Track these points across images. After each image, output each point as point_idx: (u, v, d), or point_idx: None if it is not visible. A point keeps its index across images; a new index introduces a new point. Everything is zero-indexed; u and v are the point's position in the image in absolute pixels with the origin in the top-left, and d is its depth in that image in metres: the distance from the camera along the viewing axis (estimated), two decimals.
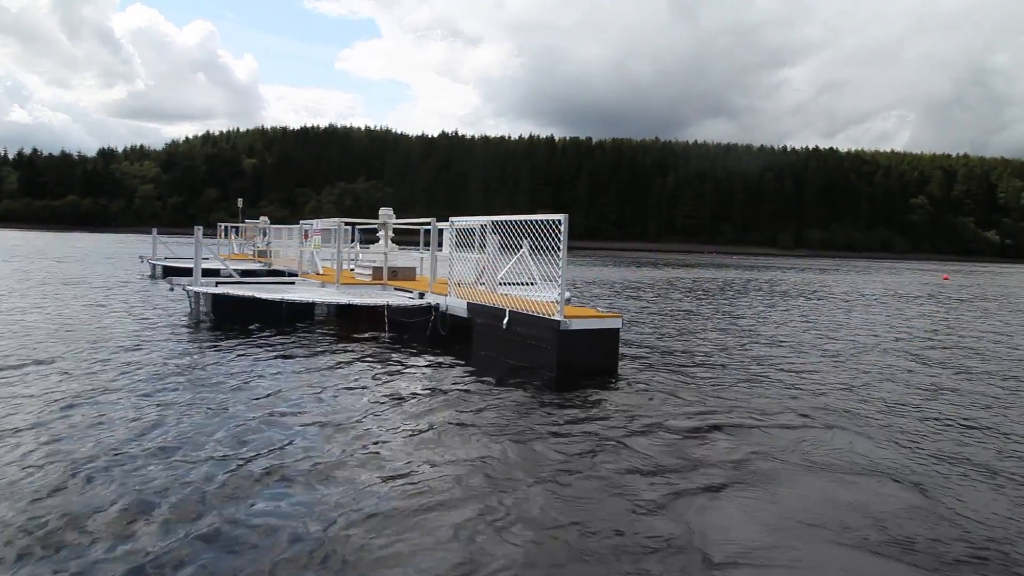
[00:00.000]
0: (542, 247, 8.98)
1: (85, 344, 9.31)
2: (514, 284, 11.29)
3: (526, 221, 9.14)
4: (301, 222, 16.48)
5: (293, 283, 14.30)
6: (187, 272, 20.95)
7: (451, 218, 11.21)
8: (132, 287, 18.50)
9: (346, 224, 15.29)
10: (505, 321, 9.09)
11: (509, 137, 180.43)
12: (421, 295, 11.61)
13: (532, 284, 12.10)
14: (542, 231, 8.74)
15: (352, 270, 15.95)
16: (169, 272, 22.40)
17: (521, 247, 11.81)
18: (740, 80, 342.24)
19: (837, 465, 5.41)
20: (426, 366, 8.75)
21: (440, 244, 12.43)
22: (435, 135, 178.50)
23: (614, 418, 6.51)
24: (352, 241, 17.80)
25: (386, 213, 14.56)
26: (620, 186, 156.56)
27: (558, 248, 8.39)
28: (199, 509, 4.09)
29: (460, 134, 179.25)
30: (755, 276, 41.06)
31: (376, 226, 14.55)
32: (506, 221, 9.86)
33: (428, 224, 12.35)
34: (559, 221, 8.29)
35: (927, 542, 4.09)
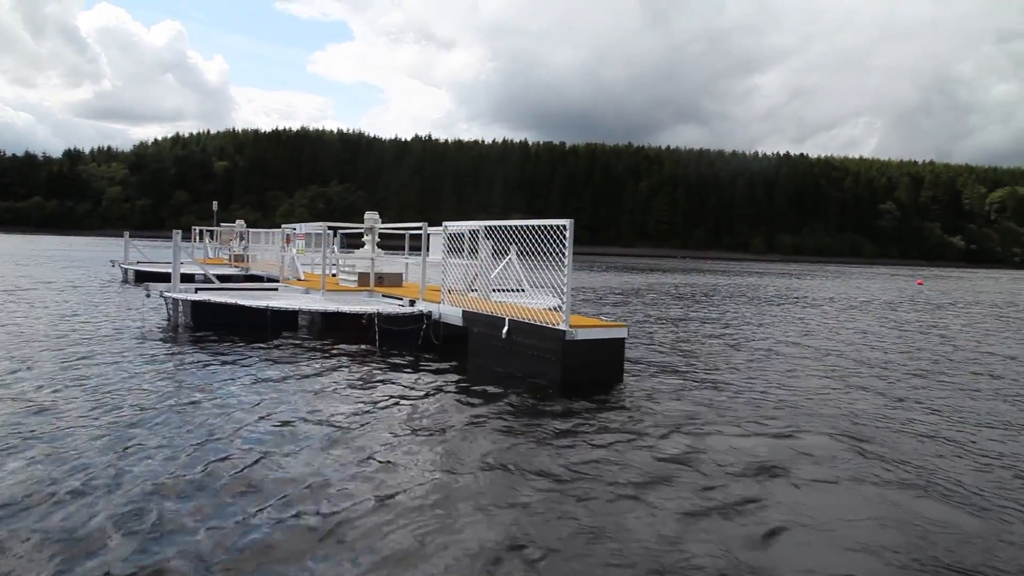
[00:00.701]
0: (538, 252, 8.65)
1: (51, 356, 8.75)
2: (503, 291, 10.96)
3: (527, 226, 8.75)
4: (284, 226, 15.95)
5: (276, 289, 13.78)
6: (162, 277, 20.27)
7: (445, 223, 10.81)
8: (104, 293, 17.80)
9: (329, 228, 14.78)
10: (505, 330, 8.71)
11: (483, 141, 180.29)
12: (412, 302, 11.19)
13: (521, 291, 11.77)
14: (543, 236, 8.41)
15: (334, 275, 15.46)
16: (142, 277, 21.72)
17: (509, 252, 11.49)
18: (711, 86, 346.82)
19: (877, 484, 5.12)
20: (421, 378, 8.32)
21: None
22: (408, 138, 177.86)
23: (632, 436, 6.16)
24: (334, 246, 17.29)
25: (372, 217, 14.09)
26: (594, 191, 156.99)
27: (560, 254, 8.01)
28: (164, 554, 3.61)
29: (434, 138, 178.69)
30: (735, 282, 41.11)
31: (362, 230, 14.07)
32: (505, 226, 9.46)
33: (417, 228, 11.92)
34: (564, 226, 7.92)
35: (991, 570, 3.80)
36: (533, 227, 8.61)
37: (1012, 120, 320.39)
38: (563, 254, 7.94)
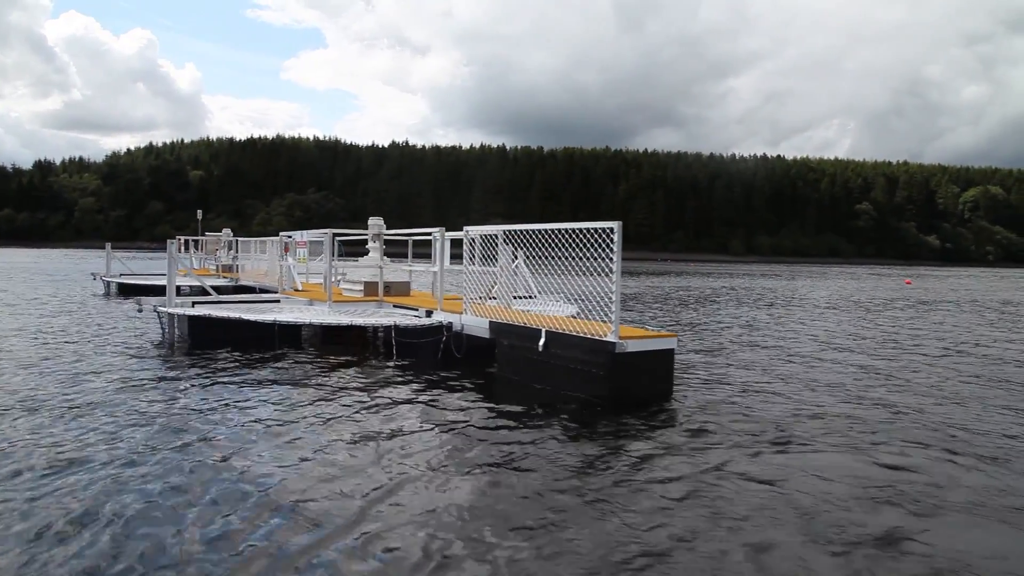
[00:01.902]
0: (552, 257, 8.09)
1: (33, 379, 7.94)
2: (514, 298, 10.32)
3: (568, 230, 8.06)
4: (281, 233, 15.14)
5: (278, 301, 12.95)
6: (148, 290, 19.39)
7: (466, 227, 10.12)
8: (87, 308, 16.82)
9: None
10: (541, 343, 8.01)
11: (460, 147, 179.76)
12: (428, 313, 10.46)
13: (531, 298, 11.12)
14: (562, 241, 7.87)
15: (336, 283, 14.65)
16: (126, 290, 20.81)
17: (517, 258, 10.84)
18: (686, 90, 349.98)
19: (989, 509, 4.49)
20: (448, 396, 7.58)
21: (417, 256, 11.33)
22: (385, 145, 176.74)
23: (701, 457, 5.49)
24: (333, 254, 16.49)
25: (377, 223, 13.31)
26: (573, 195, 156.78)
27: (609, 259, 7.35)
28: None
29: (410, 144, 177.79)
30: (729, 284, 40.70)
31: (368, 237, 13.28)
32: (539, 230, 8.75)
33: (427, 234, 11.19)
34: (612, 229, 7.26)
35: None
36: (572, 231, 7.94)
37: (982, 121, 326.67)
38: (611, 259, 7.28)
